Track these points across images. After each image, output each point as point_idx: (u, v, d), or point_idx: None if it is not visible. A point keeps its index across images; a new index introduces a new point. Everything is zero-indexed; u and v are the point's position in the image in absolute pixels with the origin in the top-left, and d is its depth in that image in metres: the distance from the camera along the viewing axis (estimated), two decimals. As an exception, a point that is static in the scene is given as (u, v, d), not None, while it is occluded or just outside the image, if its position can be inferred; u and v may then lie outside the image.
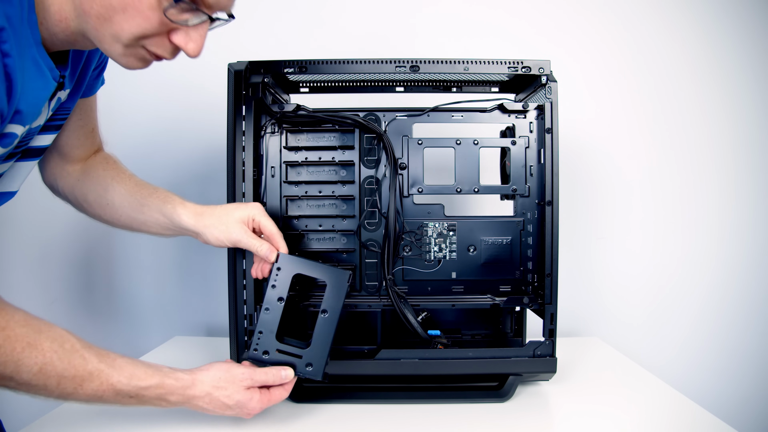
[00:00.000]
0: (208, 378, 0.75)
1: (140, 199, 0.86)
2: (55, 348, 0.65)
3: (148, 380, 0.71)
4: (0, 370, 0.61)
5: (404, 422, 0.83)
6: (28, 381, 0.64)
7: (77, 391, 0.67)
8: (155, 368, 0.73)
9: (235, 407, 0.77)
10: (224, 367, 0.77)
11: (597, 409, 0.89)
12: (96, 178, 0.88)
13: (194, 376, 0.75)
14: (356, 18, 1.36)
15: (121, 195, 0.87)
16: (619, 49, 1.36)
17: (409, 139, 0.97)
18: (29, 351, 0.63)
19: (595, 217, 1.39)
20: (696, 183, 1.38)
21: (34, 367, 0.63)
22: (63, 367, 0.65)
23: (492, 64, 0.91)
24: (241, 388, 0.77)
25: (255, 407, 0.78)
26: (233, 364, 0.78)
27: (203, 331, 1.40)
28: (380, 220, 0.96)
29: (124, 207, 0.87)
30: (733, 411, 1.38)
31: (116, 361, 0.70)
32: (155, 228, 0.87)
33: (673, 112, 1.37)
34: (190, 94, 1.36)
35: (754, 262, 1.39)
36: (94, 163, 0.90)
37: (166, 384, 0.72)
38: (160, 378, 0.72)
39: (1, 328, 0.61)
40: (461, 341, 1.07)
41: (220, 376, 0.76)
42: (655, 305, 1.39)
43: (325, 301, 0.83)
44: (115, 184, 0.88)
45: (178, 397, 0.74)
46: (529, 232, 0.97)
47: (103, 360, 0.69)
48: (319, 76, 0.98)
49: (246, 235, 0.83)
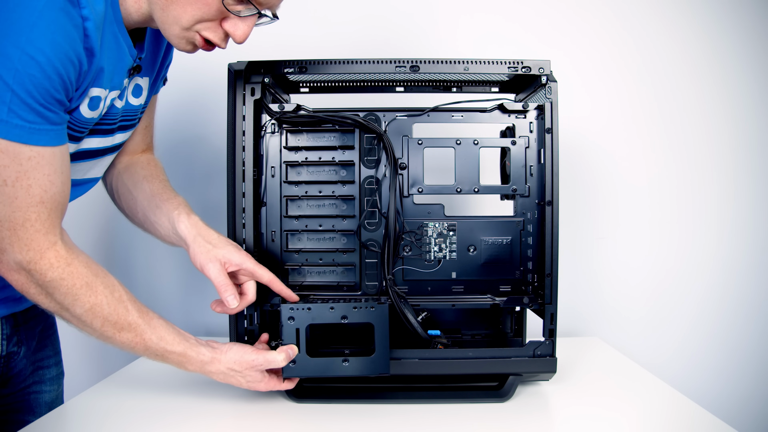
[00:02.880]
0: (225, 359, 0.81)
1: (158, 202, 0.90)
2: (107, 293, 0.73)
3: (174, 346, 0.78)
4: (61, 299, 0.70)
5: (404, 422, 0.83)
6: (79, 316, 0.72)
7: (115, 336, 0.75)
8: (184, 337, 0.80)
9: (244, 386, 0.84)
10: (240, 351, 0.82)
11: (597, 409, 0.89)
12: (133, 174, 0.93)
13: (214, 355, 0.81)
14: (356, 18, 1.36)
15: (145, 194, 0.91)
16: (619, 49, 1.36)
17: (409, 139, 0.97)
18: (86, 290, 0.71)
19: (595, 217, 1.39)
20: (696, 183, 1.38)
21: (87, 305, 0.71)
22: (109, 311, 0.73)
23: (492, 64, 0.91)
24: (253, 372, 0.82)
25: (262, 388, 0.84)
26: (248, 350, 0.82)
27: (203, 331, 1.40)
28: (380, 220, 0.96)
29: (143, 206, 0.91)
30: (732, 410, 1.38)
31: (153, 320, 0.78)
32: (162, 231, 0.90)
33: (673, 112, 1.38)
34: (190, 94, 1.36)
35: (754, 262, 1.39)
36: (138, 160, 0.95)
37: (189, 355, 0.79)
38: (185, 348, 0.79)
39: (67, 263, 0.70)
40: (461, 341, 1.07)
41: (236, 359, 0.81)
42: (654, 305, 1.39)
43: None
44: (144, 183, 0.92)
45: (196, 368, 0.81)
46: (529, 232, 0.97)
47: (143, 316, 0.77)
48: (319, 76, 0.97)
49: (218, 274, 0.83)
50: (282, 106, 0.94)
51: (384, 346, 0.84)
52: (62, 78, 0.63)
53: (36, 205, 0.66)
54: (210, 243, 0.85)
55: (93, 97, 0.72)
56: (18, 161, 0.63)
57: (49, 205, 0.67)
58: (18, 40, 0.60)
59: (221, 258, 0.84)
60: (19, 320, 0.88)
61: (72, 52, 0.63)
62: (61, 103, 0.65)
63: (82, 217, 1.38)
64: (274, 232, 0.96)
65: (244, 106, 0.89)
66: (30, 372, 0.92)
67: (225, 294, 0.83)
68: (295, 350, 0.83)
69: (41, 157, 0.65)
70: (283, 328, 0.84)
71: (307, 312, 0.85)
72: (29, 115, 0.62)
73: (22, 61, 0.60)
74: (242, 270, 0.86)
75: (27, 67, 0.60)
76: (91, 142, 0.80)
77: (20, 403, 0.91)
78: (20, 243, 0.66)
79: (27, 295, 0.70)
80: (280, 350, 0.82)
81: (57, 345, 1.00)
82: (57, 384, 0.98)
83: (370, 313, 0.85)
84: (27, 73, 0.60)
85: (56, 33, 0.61)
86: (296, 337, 0.84)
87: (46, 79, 0.62)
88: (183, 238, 0.86)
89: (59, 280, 0.69)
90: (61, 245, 0.69)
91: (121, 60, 0.75)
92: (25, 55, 0.60)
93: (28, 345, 0.90)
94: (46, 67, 0.61)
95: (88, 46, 0.66)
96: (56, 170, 0.67)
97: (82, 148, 0.79)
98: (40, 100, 0.62)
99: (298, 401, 0.89)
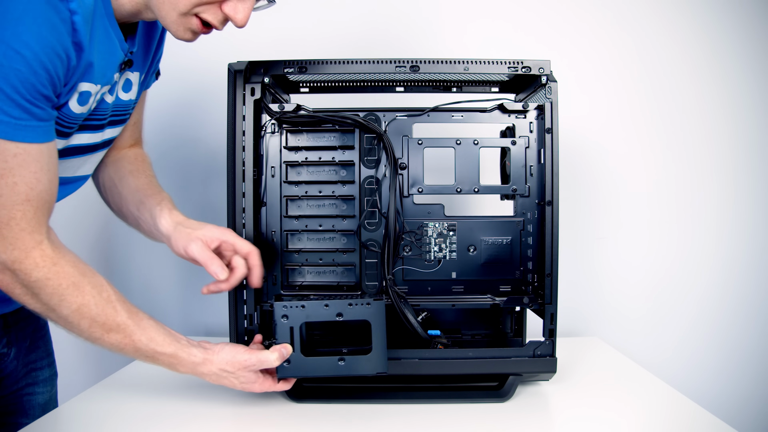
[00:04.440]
0: (217, 359, 0.79)
1: (141, 197, 0.89)
2: (94, 294, 0.71)
3: (165, 348, 0.76)
4: (46, 300, 0.69)
5: (404, 422, 0.83)
6: (66, 317, 0.70)
7: (103, 338, 0.73)
8: (174, 338, 0.78)
9: (238, 387, 0.82)
10: (233, 351, 0.80)
11: (597, 409, 0.89)
12: (120, 168, 0.92)
13: (206, 356, 0.79)
14: (356, 18, 1.36)
15: (129, 188, 0.90)
16: (618, 49, 1.36)
17: (409, 139, 0.97)
18: (72, 290, 0.69)
19: (595, 217, 1.39)
20: (696, 183, 1.38)
21: (73, 305, 0.69)
22: (97, 312, 0.71)
23: (492, 64, 0.91)
24: (246, 373, 0.81)
25: (256, 389, 0.83)
26: (241, 350, 0.81)
27: (203, 331, 1.40)
28: (380, 220, 0.96)
29: (127, 200, 0.90)
30: (732, 410, 1.38)
31: (143, 321, 0.76)
32: (144, 227, 0.89)
33: (673, 112, 1.37)
34: (190, 94, 1.36)
35: (754, 261, 1.39)
36: (125, 155, 0.94)
37: (179, 356, 0.78)
38: (175, 349, 0.77)
39: (53, 263, 0.68)
40: (461, 341, 1.07)
41: (229, 360, 0.80)
42: (654, 304, 1.39)
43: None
44: (130, 177, 0.91)
45: (187, 370, 0.79)
46: (529, 232, 0.97)
47: (132, 317, 0.75)
48: (319, 76, 0.97)
49: (201, 251, 0.82)
50: (282, 106, 0.94)
51: (381, 344, 0.83)
52: (49, 73, 0.62)
53: (22, 203, 0.65)
54: (190, 228, 0.85)
55: (83, 93, 0.71)
56: (3, 158, 0.62)
57: (35, 204, 0.66)
58: (3, 34, 0.58)
59: (202, 237, 0.83)
60: (9, 321, 0.87)
61: (59, 46, 0.62)
62: (48, 99, 0.64)
63: (80, 216, 1.38)
64: (274, 232, 0.96)
65: (244, 106, 0.89)
66: (23, 374, 0.91)
67: (211, 267, 0.81)
68: (289, 350, 0.82)
69: (27, 154, 0.64)
70: (276, 327, 0.83)
71: (301, 310, 0.83)
72: (15, 111, 0.61)
73: (7, 56, 0.59)
74: (224, 244, 0.85)
75: (12, 61, 0.59)
76: (81, 137, 0.79)
77: (13, 406, 0.90)
78: (5, 242, 0.65)
79: (12, 295, 0.69)
80: (273, 350, 0.81)
81: (49, 346, 0.99)
82: (50, 385, 0.98)
83: (366, 310, 0.83)
84: (12, 68, 0.59)
85: (43, 27, 0.60)
86: (290, 336, 0.82)
87: (33, 75, 0.60)
88: (163, 232, 0.85)
89: (45, 280, 0.67)
90: (48, 244, 0.68)
91: (112, 54, 0.74)
92: (11, 50, 0.59)
93: (19, 346, 0.90)
94: (32, 62, 0.60)
95: (77, 40, 0.65)
96: (43, 167, 0.66)
97: (72, 144, 0.78)
98: (26, 95, 0.61)
99: (297, 401, 0.89)
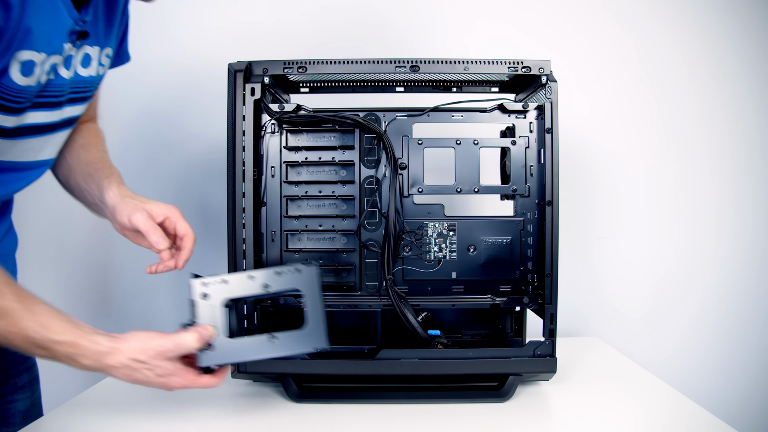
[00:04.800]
0: (127, 348, 0.68)
1: (91, 170, 0.88)
2: None
3: (61, 335, 0.65)
4: None
5: (404, 422, 0.83)
6: None
7: None
8: (75, 325, 0.67)
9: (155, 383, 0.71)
10: (145, 337, 0.70)
11: (597, 409, 0.89)
12: (71, 141, 0.91)
13: (113, 344, 0.68)
14: (356, 18, 1.36)
15: (79, 161, 0.89)
16: (618, 49, 1.36)
17: (409, 139, 0.97)
18: None
19: (595, 217, 1.39)
20: (696, 182, 1.38)
21: None
22: None
23: (492, 64, 0.91)
24: (163, 362, 0.70)
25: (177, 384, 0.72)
26: (154, 335, 0.71)
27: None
28: (380, 220, 0.96)
29: (75, 172, 0.89)
30: (732, 410, 1.38)
31: (35, 306, 0.65)
32: (89, 198, 0.89)
33: (673, 112, 1.37)
34: (190, 94, 1.35)
35: (754, 261, 1.39)
36: (79, 128, 0.93)
37: (80, 344, 0.66)
38: (75, 336, 0.66)
39: None
40: (461, 341, 1.07)
41: (140, 347, 0.69)
42: (654, 304, 1.39)
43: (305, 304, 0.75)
44: (81, 150, 0.90)
45: (91, 362, 0.67)
46: (529, 232, 0.97)
47: (22, 301, 0.64)
48: (319, 76, 0.97)
49: (145, 220, 0.81)
50: (282, 106, 0.94)
51: (317, 315, 0.74)
52: None
53: None
54: (136, 200, 0.84)
55: (25, 62, 0.64)
56: None
57: None
58: None
59: (147, 209, 0.83)
60: None
61: None
62: None
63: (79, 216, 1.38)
64: (274, 232, 0.96)
65: (244, 106, 0.89)
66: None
67: (153, 236, 0.80)
68: (211, 331, 0.72)
69: None
70: (197, 308, 0.73)
71: (224, 285, 0.74)
72: None
73: None
74: (167, 221, 0.84)
75: None
76: (37, 116, 0.73)
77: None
78: None
79: None
80: (192, 330, 0.71)
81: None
82: (30, 390, 0.93)
83: (296, 278, 0.75)
84: None
85: None
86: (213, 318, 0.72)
87: None
88: (108, 204, 0.84)
89: None
90: None
91: (58, 21, 0.67)
92: None
93: None
94: None
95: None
96: None
97: (27, 122, 0.72)
98: None
99: (298, 401, 0.89)
